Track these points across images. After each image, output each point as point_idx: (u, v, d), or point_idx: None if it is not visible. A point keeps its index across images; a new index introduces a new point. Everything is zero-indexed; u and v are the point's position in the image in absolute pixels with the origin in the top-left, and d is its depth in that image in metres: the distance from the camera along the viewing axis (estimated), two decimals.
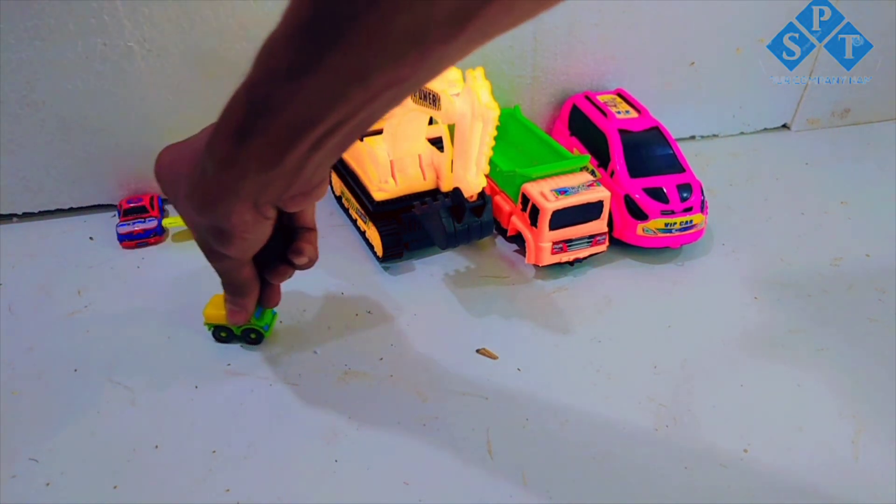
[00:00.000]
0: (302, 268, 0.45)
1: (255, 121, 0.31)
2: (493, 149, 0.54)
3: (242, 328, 0.51)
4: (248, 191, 0.35)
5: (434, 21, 0.25)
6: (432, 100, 0.49)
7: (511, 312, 0.56)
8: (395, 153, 0.57)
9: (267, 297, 0.48)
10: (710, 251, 0.63)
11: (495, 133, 0.48)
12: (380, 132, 0.59)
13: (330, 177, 0.69)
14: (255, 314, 0.50)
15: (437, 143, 0.61)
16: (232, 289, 0.46)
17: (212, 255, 0.43)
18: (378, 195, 0.58)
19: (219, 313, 0.50)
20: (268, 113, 0.31)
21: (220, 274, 0.45)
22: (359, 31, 0.26)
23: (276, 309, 0.52)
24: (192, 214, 0.39)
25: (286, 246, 0.44)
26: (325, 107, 0.30)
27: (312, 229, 0.45)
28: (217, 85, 0.64)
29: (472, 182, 0.50)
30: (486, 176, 0.59)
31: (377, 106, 0.30)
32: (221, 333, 0.52)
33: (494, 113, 0.47)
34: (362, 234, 0.63)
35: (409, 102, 0.52)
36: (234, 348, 0.52)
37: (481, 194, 0.54)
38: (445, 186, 0.58)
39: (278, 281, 0.46)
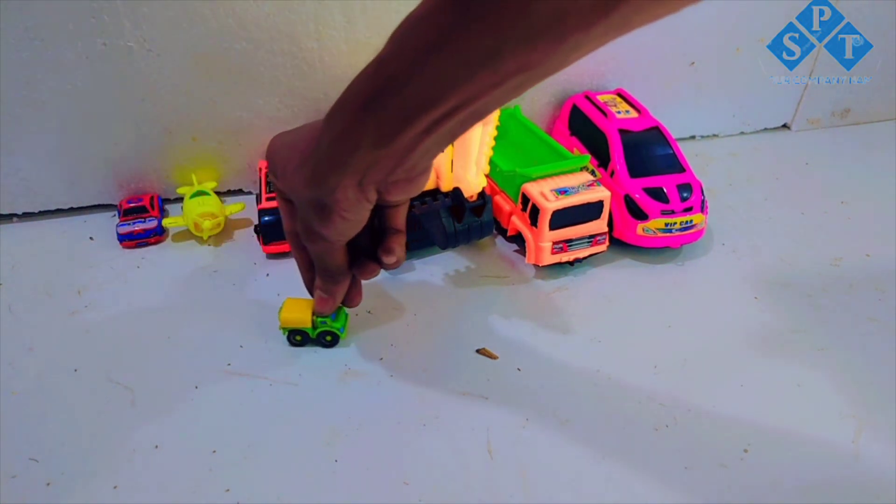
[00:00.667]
0: (389, 267, 0.45)
1: (378, 96, 0.33)
2: (493, 149, 0.54)
3: (318, 330, 0.51)
4: (357, 166, 0.36)
5: (577, 5, 0.25)
6: None
7: (511, 312, 0.56)
8: None
9: (350, 295, 0.49)
10: (711, 251, 0.63)
11: (495, 133, 0.48)
12: None
13: None
14: (332, 315, 0.50)
15: None
16: (325, 274, 0.46)
17: (310, 236, 0.43)
18: None
19: (293, 317, 0.50)
20: (392, 89, 0.32)
21: (316, 258, 0.46)
22: (500, 10, 0.27)
23: (348, 311, 0.53)
24: (300, 186, 0.40)
25: (374, 246, 0.45)
26: (449, 87, 0.30)
27: (402, 231, 0.45)
28: (217, 85, 0.64)
29: (473, 182, 0.50)
30: (486, 176, 0.59)
31: (498, 93, 0.30)
32: (296, 337, 0.52)
33: (494, 113, 0.47)
34: None
35: None
36: (234, 348, 0.52)
37: (481, 194, 0.54)
38: (445, 186, 0.58)
39: (366, 277, 0.47)
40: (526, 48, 0.28)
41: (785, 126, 0.84)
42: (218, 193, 0.68)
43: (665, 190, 0.60)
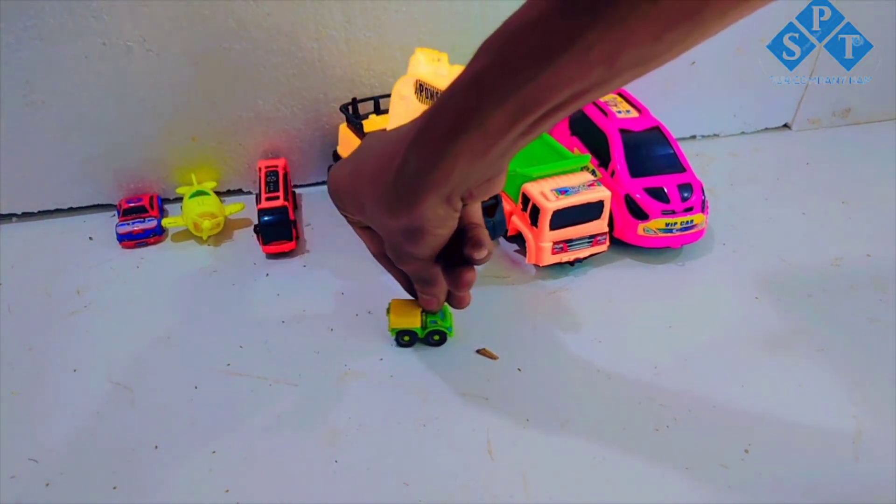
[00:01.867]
0: (482, 261, 0.43)
1: (478, 110, 0.32)
2: None
3: (427, 330, 0.51)
4: (449, 184, 0.36)
5: None
6: None
7: (511, 312, 0.56)
8: None
9: (458, 299, 0.47)
10: (711, 251, 0.63)
11: None
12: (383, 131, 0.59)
13: None
14: (440, 315, 0.50)
15: None
16: (423, 284, 0.46)
17: (402, 258, 0.43)
18: None
19: (402, 318, 0.50)
20: (495, 100, 0.31)
21: (410, 274, 0.46)
22: (631, 7, 0.26)
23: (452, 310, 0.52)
24: (384, 218, 0.40)
25: (458, 249, 0.44)
26: (561, 88, 0.30)
27: (480, 224, 0.44)
28: (217, 85, 0.64)
29: None
30: None
31: (610, 86, 0.30)
32: (405, 338, 0.52)
33: None
34: None
35: (415, 101, 0.51)
36: (234, 348, 0.52)
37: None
38: None
39: (466, 288, 0.45)
40: (650, 41, 0.27)
41: (785, 126, 0.84)
42: (218, 193, 0.68)
43: (666, 190, 0.60)
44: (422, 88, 0.50)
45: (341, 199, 0.44)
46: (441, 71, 0.51)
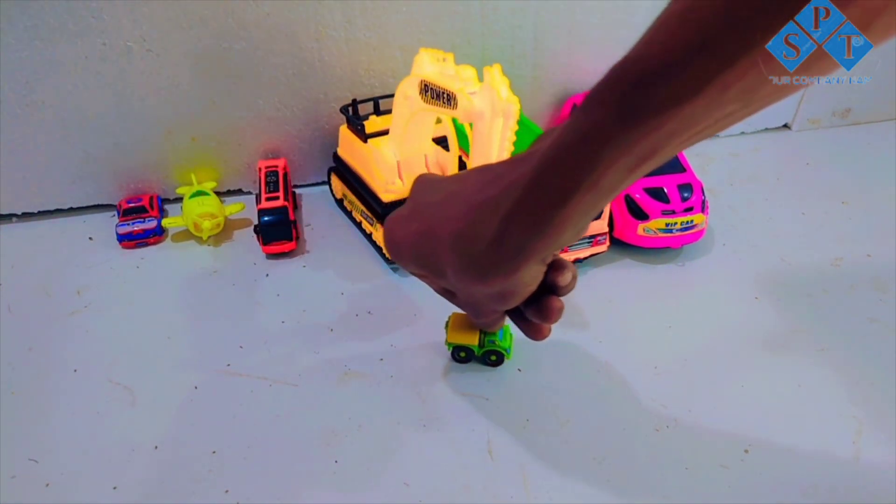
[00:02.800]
0: (567, 286, 0.40)
1: (589, 171, 0.29)
2: None
3: (484, 349, 0.50)
4: (552, 248, 0.34)
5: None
6: (447, 100, 0.49)
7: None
8: (403, 154, 0.57)
9: (538, 329, 0.43)
10: (711, 251, 0.63)
11: (517, 127, 0.48)
12: (385, 133, 0.59)
13: (329, 180, 0.69)
14: (499, 335, 0.49)
15: (440, 142, 0.60)
16: (492, 325, 0.45)
17: (482, 313, 0.42)
18: (385, 196, 0.58)
19: (460, 334, 0.49)
20: (610, 157, 0.29)
21: (484, 324, 0.45)
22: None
23: (513, 331, 0.49)
24: (471, 285, 0.37)
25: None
26: (684, 131, 0.28)
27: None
28: (217, 85, 0.64)
29: None
30: None
31: (736, 120, 0.28)
32: (461, 354, 0.50)
33: (516, 107, 0.47)
34: (368, 235, 0.63)
35: (419, 102, 0.51)
36: (234, 348, 0.52)
37: None
38: None
39: (556, 318, 0.40)
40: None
41: (785, 126, 0.84)
42: (217, 193, 0.68)
43: (666, 190, 0.60)
44: (427, 89, 0.50)
45: (405, 259, 0.41)
46: (447, 71, 0.51)
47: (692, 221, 0.60)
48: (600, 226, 0.58)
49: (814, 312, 0.56)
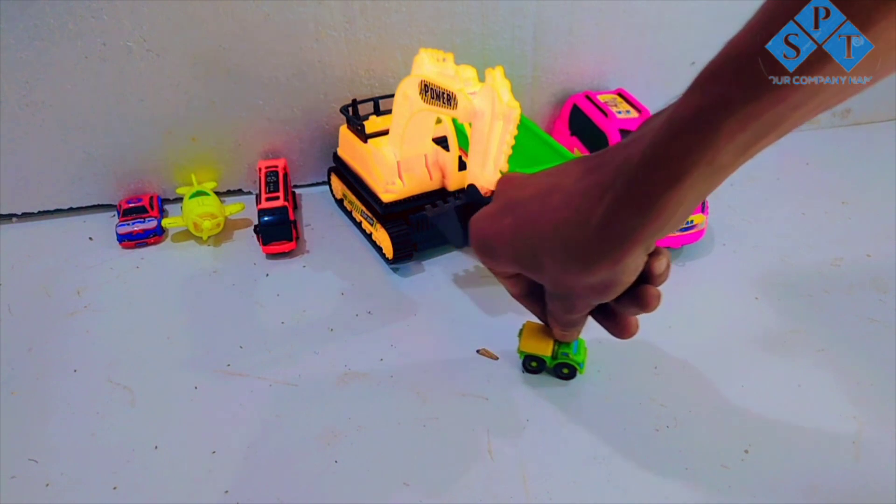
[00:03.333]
0: (662, 276, 0.39)
1: (705, 150, 0.29)
2: None
3: (557, 361, 0.48)
4: (662, 231, 0.33)
5: None
6: (447, 99, 0.49)
7: (512, 313, 0.56)
8: (403, 154, 0.57)
9: (625, 327, 0.42)
10: (711, 251, 0.63)
11: (516, 132, 0.48)
12: (385, 133, 0.59)
13: (329, 180, 0.69)
14: (573, 347, 0.48)
15: (440, 142, 0.60)
16: (573, 325, 0.44)
17: (576, 308, 0.40)
18: (386, 196, 0.58)
19: (534, 343, 0.48)
20: (728, 133, 0.28)
21: (569, 322, 0.43)
22: None
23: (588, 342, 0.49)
24: (573, 275, 0.36)
25: None
26: (808, 100, 0.27)
27: None
28: (217, 85, 0.64)
29: (490, 179, 0.50)
30: None
31: (856, 90, 0.28)
32: (532, 363, 0.49)
33: (516, 112, 0.47)
34: (368, 236, 0.63)
35: (419, 103, 0.51)
36: (234, 348, 0.52)
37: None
38: (452, 185, 0.58)
39: (654, 305, 0.39)
40: None
41: None
42: (217, 193, 0.68)
43: None
44: (427, 89, 0.50)
45: (500, 254, 0.40)
46: (447, 71, 0.51)
47: (692, 221, 0.60)
48: None
49: (814, 313, 0.56)
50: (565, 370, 0.49)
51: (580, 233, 0.35)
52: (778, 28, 0.27)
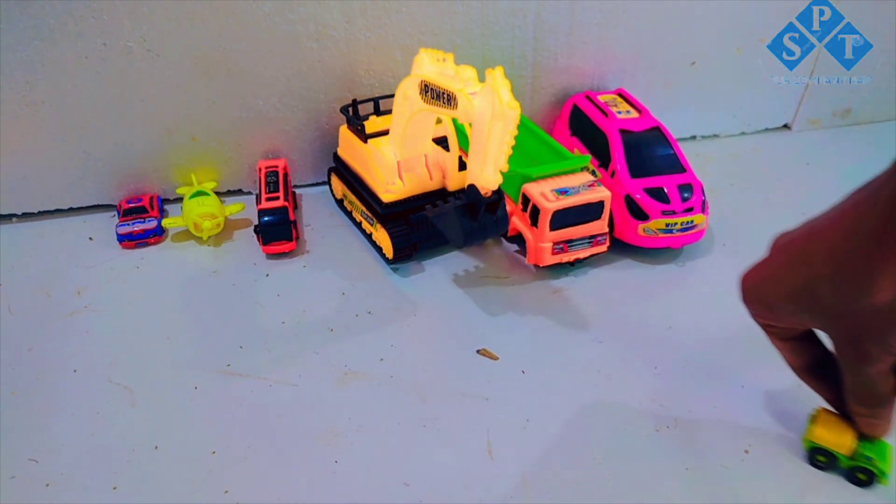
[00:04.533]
0: None
1: None
2: None
3: (854, 463, 0.41)
4: None
5: None
6: (447, 100, 0.49)
7: (512, 313, 0.56)
8: (403, 154, 0.57)
9: None
10: (711, 251, 0.63)
11: (516, 132, 0.48)
12: (385, 133, 0.59)
13: (329, 180, 0.69)
14: (879, 450, 0.41)
15: (440, 142, 0.60)
16: (873, 400, 0.38)
17: (873, 352, 0.36)
18: (386, 196, 0.58)
19: (830, 437, 0.41)
20: None
21: (866, 384, 0.38)
22: None
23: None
24: (856, 295, 0.33)
25: None
26: None
27: None
28: (217, 85, 0.64)
29: (490, 179, 0.50)
30: None
31: None
32: (820, 458, 0.42)
33: (516, 112, 0.47)
34: (368, 236, 0.63)
35: (419, 103, 0.51)
36: (234, 348, 0.52)
37: (496, 190, 0.54)
38: (452, 185, 0.58)
39: None
40: None
41: (785, 126, 0.84)
42: (218, 193, 0.68)
43: (666, 190, 0.60)
44: (427, 89, 0.50)
45: (769, 297, 0.39)
46: (447, 71, 0.51)
47: (692, 221, 0.60)
48: (600, 226, 0.58)
49: None
50: (862, 476, 0.41)
51: (853, 241, 0.33)
52: None
